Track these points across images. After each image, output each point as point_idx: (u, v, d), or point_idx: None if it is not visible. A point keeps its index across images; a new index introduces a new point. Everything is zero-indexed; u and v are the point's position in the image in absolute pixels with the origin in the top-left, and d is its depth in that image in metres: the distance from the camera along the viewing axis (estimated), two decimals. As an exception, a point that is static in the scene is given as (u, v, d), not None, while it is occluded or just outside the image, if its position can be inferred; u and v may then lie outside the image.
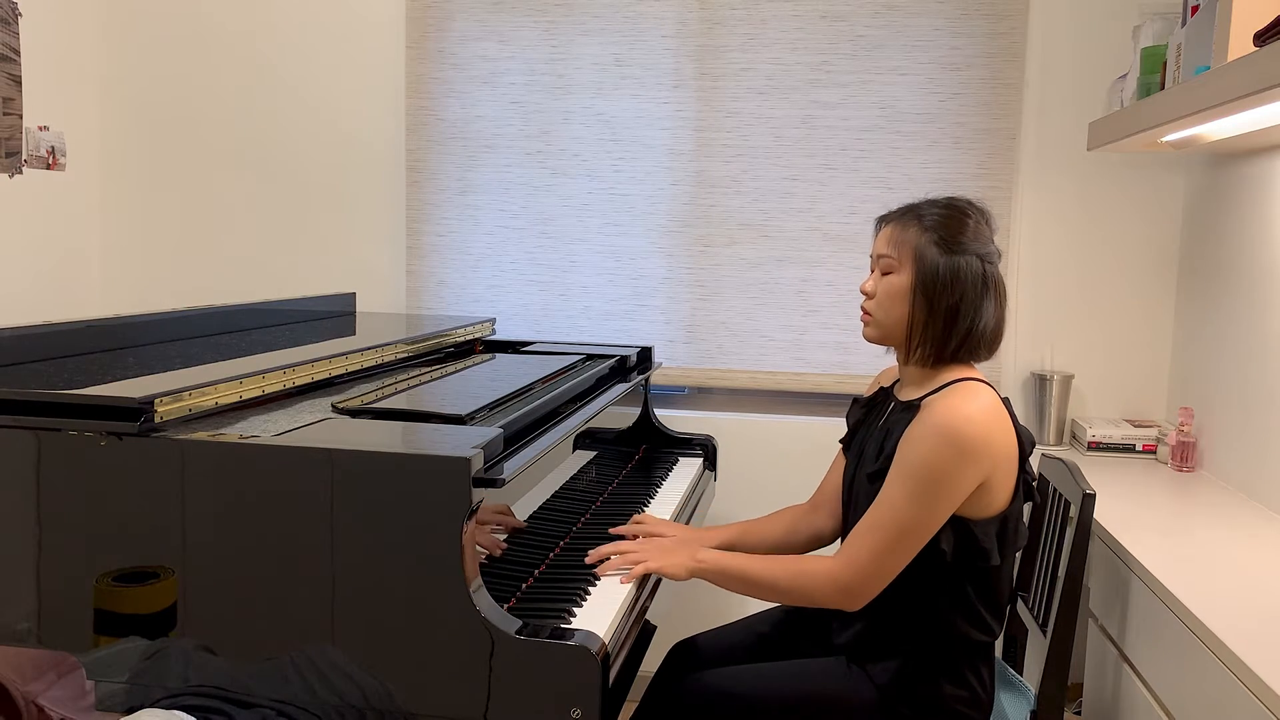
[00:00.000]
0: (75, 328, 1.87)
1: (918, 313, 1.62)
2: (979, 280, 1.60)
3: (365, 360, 2.03)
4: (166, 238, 3.10)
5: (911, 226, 1.63)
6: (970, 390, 1.57)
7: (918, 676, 1.61)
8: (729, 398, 3.02)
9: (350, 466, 1.39)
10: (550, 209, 2.94)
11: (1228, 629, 1.44)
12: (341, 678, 1.40)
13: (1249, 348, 2.27)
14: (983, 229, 1.64)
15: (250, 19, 3.01)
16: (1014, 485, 1.60)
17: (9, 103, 2.72)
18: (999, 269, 1.65)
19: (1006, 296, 1.67)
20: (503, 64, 2.91)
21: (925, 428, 1.54)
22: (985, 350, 1.65)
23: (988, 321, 1.62)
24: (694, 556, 1.64)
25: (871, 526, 1.56)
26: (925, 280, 1.61)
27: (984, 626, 1.63)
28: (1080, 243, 2.77)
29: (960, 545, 1.57)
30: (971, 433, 1.51)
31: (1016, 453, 1.59)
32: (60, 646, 1.48)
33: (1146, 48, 2.27)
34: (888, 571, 1.55)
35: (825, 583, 1.56)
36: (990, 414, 1.54)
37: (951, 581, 1.60)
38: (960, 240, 1.60)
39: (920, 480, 1.52)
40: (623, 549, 1.69)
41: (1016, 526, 1.62)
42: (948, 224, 1.61)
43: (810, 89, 2.82)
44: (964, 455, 1.51)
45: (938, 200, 1.67)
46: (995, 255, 1.64)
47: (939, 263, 1.60)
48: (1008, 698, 1.78)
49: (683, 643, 1.92)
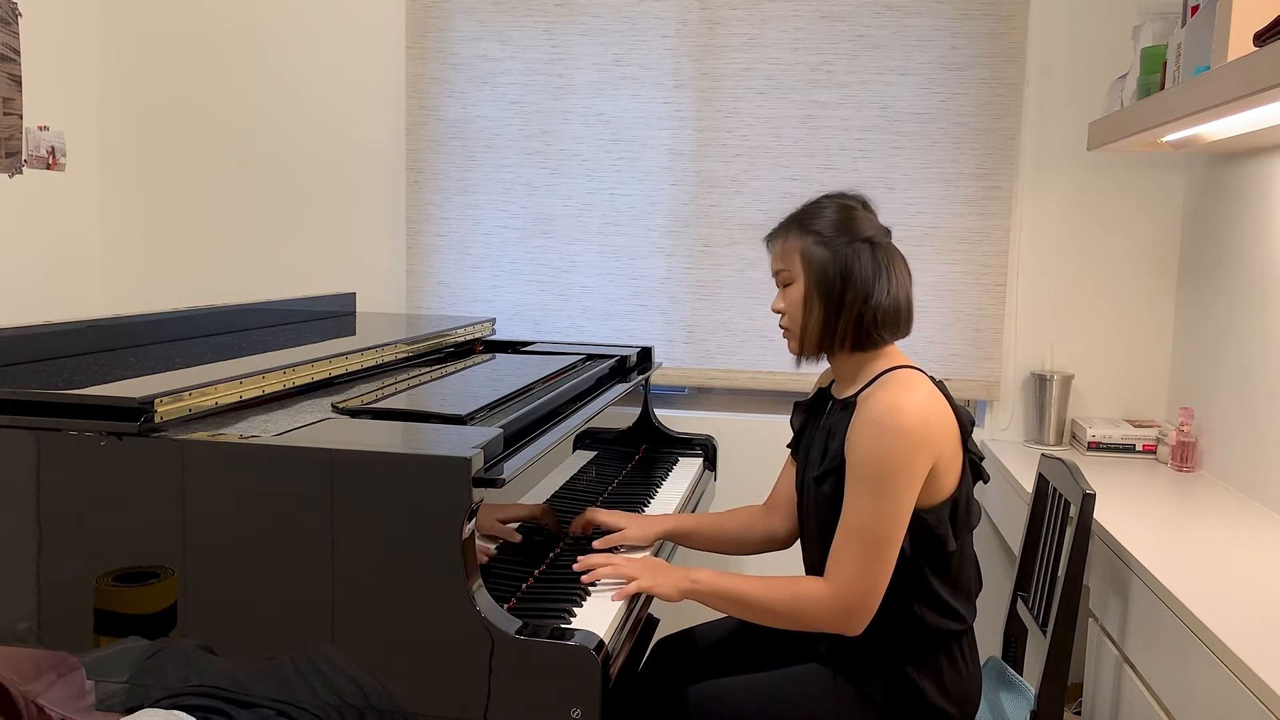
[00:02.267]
0: (75, 328, 1.87)
1: (822, 311, 1.65)
2: (869, 262, 1.63)
3: (365, 360, 2.03)
4: (166, 238, 3.10)
5: (793, 234, 1.68)
6: (902, 380, 1.58)
7: (899, 678, 1.61)
8: (729, 398, 3.02)
9: (350, 466, 1.39)
10: (550, 209, 2.94)
11: (1228, 629, 1.44)
12: (342, 678, 1.40)
13: (1249, 348, 2.27)
14: (858, 214, 1.67)
15: (250, 19, 3.01)
16: (960, 467, 1.61)
17: (9, 103, 2.72)
18: (890, 245, 1.67)
19: (906, 268, 1.68)
20: (503, 64, 2.91)
21: (865, 425, 1.54)
22: (900, 326, 1.66)
23: (889, 299, 1.63)
24: (688, 577, 1.62)
25: (847, 541, 1.55)
26: (818, 279, 1.64)
27: (952, 614, 1.62)
28: (1080, 243, 2.77)
29: (915, 537, 1.58)
30: (909, 423, 1.52)
31: (958, 434, 1.60)
32: (60, 646, 1.48)
33: (1146, 48, 2.27)
34: (879, 583, 1.55)
35: (823, 609, 1.56)
36: (925, 399, 1.55)
37: (913, 575, 1.60)
38: (839, 232, 1.64)
39: (877, 481, 1.52)
40: (613, 561, 1.66)
41: (968, 506, 1.63)
42: (822, 220, 1.66)
43: (810, 89, 2.82)
44: (908, 446, 1.51)
45: (810, 203, 1.71)
46: (881, 234, 1.66)
47: (825, 258, 1.63)
48: (1008, 698, 1.78)
49: (665, 640, 1.92)
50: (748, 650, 1.85)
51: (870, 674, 1.63)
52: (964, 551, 1.65)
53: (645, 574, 1.63)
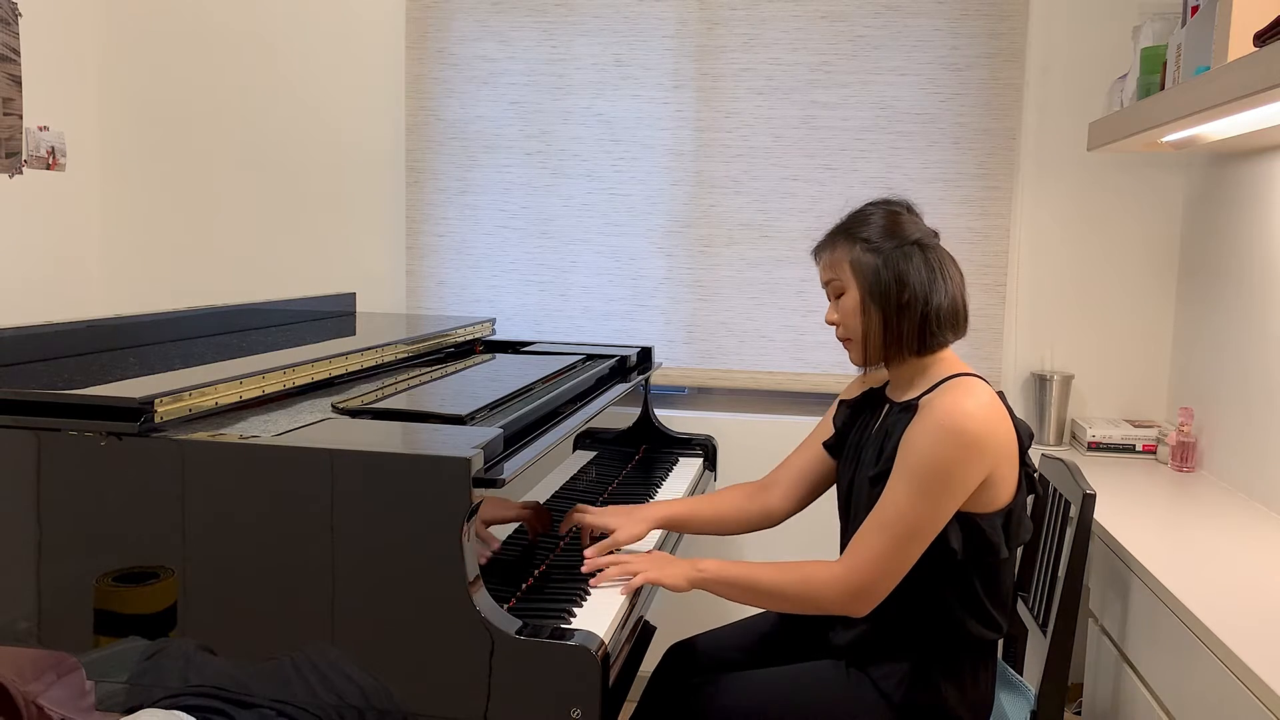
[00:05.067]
0: (75, 328, 1.87)
1: (879, 318, 1.64)
2: (921, 265, 1.63)
3: (365, 360, 2.03)
4: (166, 238, 3.10)
5: (840, 244, 1.68)
6: (967, 386, 1.58)
7: (923, 680, 1.61)
8: (729, 398, 3.02)
9: (350, 466, 1.39)
10: (550, 209, 2.94)
11: (1228, 629, 1.44)
12: (341, 678, 1.40)
13: (1249, 348, 2.27)
14: (904, 218, 1.67)
15: (250, 19, 3.01)
16: (1016, 478, 1.61)
17: (9, 103, 2.72)
18: (939, 246, 1.67)
19: (958, 268, 1.68)
20: (503, 64, 2.91)
21: (927, 425, 1.54)
22: (958, 328, 1.66)
23: (947, 299, 1.64)
24: (695, 566, 1.63)
25: (876, 528, 1.55)
26: (871, 286, 1.64)
27: (991, 623, 1.63)
28: (1080, 243, 2.77)
29: (969, 541, 1.57)
30: (974, 428, 1.52)
31: (1016, 446, 1.60)
32: (60, 646, 1.48)
33: (1146, 48, 2.27)
34: (895, 573, 1.55)
35: (832, 588, 1.56)
36: (989, 408, 1.55)
37: (960, 578, 1.60)
38: (887, 237, 1.64)
39: (925, 478, 1.52)
40: (619, 559, 1.67)
41: (1021, 519, 1.63)
42: (869, 227, 1.66)
43: (810, 89, 2.82)
44: (968, 450, 1.51)
45: (854, 211, 1.71)
46: (930, 236, 1.66)
47: (876, 265, 1.63)
48: (1008, 698, 1.78)
49: (679, 644, 1.91)
50: (764, 650, 1.85)
51: (893, 673, 1.62)
52: (1008, 563, 1.65)
53: (651, 567, 1.64)
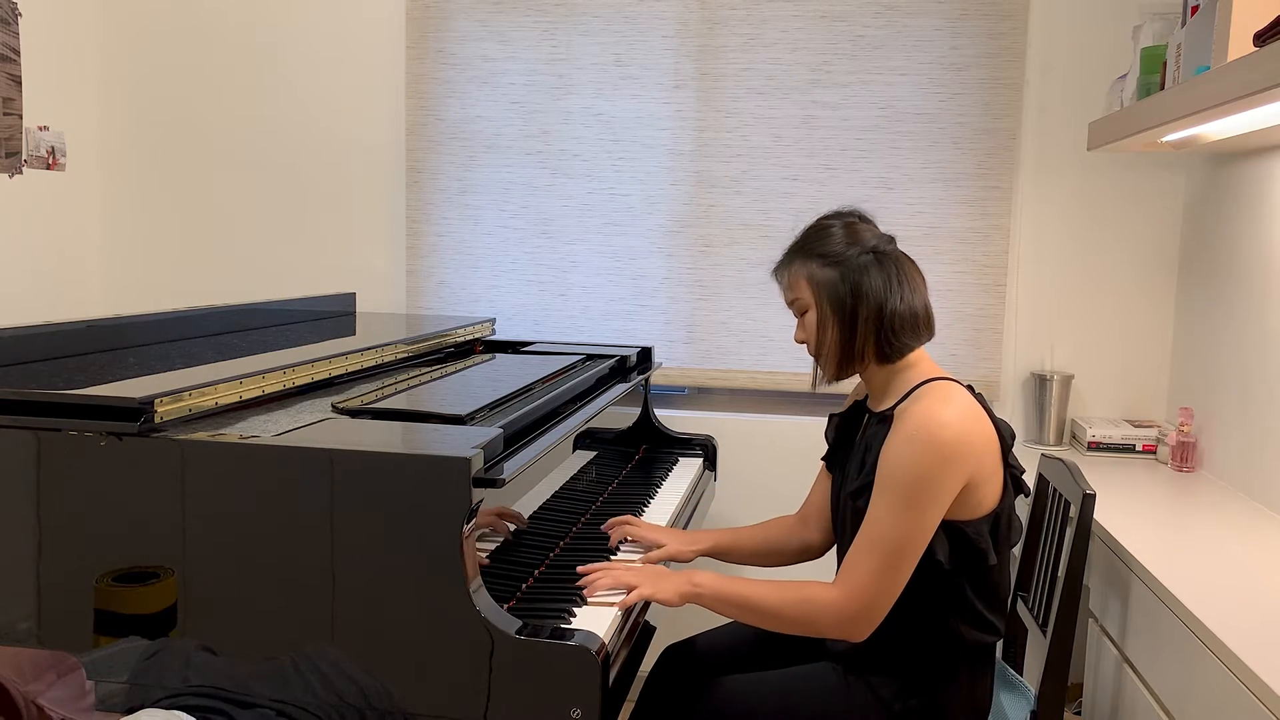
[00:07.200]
0: (75, 328, 1.87)
1: (842, 331, 1.64)
2: (877, 274, 1.62)
3: (365, 360, 2.03)
4: (166, 238, 3.10)
5: (796, 262, 1.68)
6: (940, 391, 1.57)
7: (919, 686, 1.61)
8: (729, 398, 3.02)
9: (350, 466, 1.39)
10: (550, 209, 2.94)
11: (1228, 629, 1.43)
12: (341, 678, 1.40)
13: (1249, 348, 2.27)
14: (858, 227, 1.67)
15: (250, 19, 3.01)
16: (1001, 481, 1.59)
17: (9, 103, 2.72)
18: (896, 251, 1.66)
19: (918, 271, 1.67)
20: (503, 64, 2.91)
21: (901, 437, 1.53)
22: (922, 331, 1.65)
23: (904, 305, 1.63)
24: (690, 581, 1.60)
25: (865, 548, 1.53)
26: (831, 300, 1.64)
27: (987, 626, 1.62)
28: (1080, 243, 2.77)
29: (956, 550, 1.56)
30: (947, 435, 1.50)
31: (997, 447, 1.59)
32: (60, 646, 1.48)
33: (1146, 48, 2.27)
34: (890, 593, 1.53)
35: (829, 614, 1.54)
36: (964, 412, 1.54)
37: (950, 586, 1.59)
38: (843, 249, 1.64)
39: (904, 492, 1.51)
40: (613, 570, 1.63)
41: (1009, 521, 1.61)
42: (822, 242, 1.66)
43: (810, 89, 2.82)
44: (944, 459, 1.50)
45: (807, 228, 1.71)
46: (886, 242, 1.66)
47: (833, 278, 1.63)
48: (1008, 698, 1.78)
49: (676, 645, 1.90)
50: (760, 652, 1.84)
51: (890, 679, 1.61)
52: (1002, 565, 1.64)
53: (646, 582, 1.60)
